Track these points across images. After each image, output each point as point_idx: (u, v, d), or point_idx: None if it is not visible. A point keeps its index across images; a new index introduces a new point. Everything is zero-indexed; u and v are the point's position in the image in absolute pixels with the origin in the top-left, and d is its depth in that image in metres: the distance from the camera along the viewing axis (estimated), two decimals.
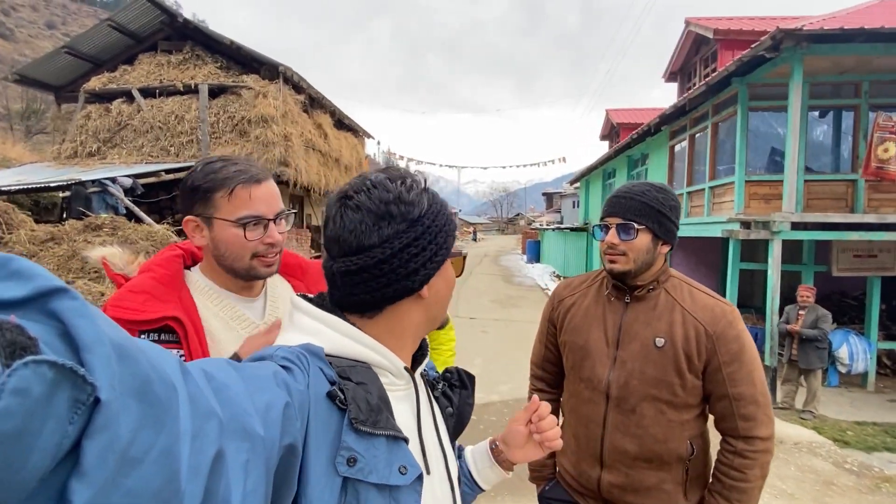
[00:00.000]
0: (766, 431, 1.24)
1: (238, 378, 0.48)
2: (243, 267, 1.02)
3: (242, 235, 1.00)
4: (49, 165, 10.14)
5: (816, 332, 5.51)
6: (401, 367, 0.67)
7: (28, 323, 0.27)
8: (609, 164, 15.02)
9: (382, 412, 0.60)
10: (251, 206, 1.00)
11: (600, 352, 1.36)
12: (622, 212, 1.30)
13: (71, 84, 11.22)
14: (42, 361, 0.25)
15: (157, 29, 11.04)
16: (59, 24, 63.18)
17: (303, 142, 11.18)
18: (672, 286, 1.35)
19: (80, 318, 0.29)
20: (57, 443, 0.26)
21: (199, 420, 0.38)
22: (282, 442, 0.48)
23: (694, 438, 1.32)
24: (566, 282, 1.58)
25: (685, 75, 12.56)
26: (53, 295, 0.29)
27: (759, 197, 7.11)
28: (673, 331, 1.28)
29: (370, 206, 0.64)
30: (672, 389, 1.27)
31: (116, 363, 0.30)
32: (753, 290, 9.04)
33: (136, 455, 0.30)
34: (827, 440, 4.39)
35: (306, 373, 0.57)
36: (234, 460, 0.41)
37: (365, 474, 0.56)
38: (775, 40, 5.58)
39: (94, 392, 0.28)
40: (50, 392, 0.26)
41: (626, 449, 1.31)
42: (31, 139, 20.97)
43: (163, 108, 10.34)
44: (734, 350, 1.25)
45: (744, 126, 7.09)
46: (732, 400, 1.25)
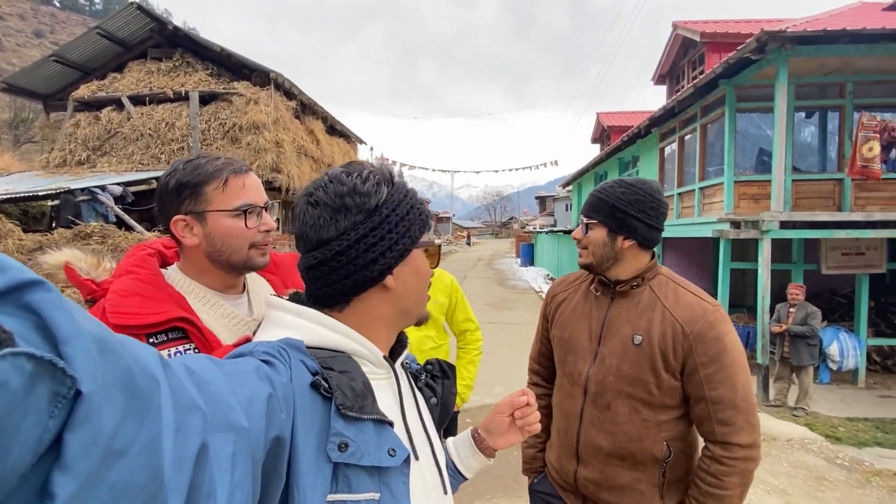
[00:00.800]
0: (746, 438, 1.18)
1: (220, 373, 0.48)
2: (241, 258, 1.00)
3: (241, 225, 0.98)
4: (38, 174, 10.04)
5: (806, 329, 5.57)
6: (379, 356, 0.68)
7: (2, 317, 0.27)
8: (601, 167, 15.13)
9: (367, 397, 0.61)
10: (246, 195, 1.00)
11: (583, 347, 1.36)
12: (584, 209, 1.38)
13: (60, 92, 11.16)
14: (20, 354, 0.25)
15: (147, 36, 11.01)
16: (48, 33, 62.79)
17: (295, 148, 11.17)
18: (658, 283, 1.34)
19: (57, 311, 0.29)
20: (37, 437, 0.26)
21: (182, 413, 0.37)
22: (268, 434, 0.48)
23: (672, 440, 1.28)
24: (561, 278, 1.60)
25: (673, 78, 12.71)
26: (28, 287, 0.28)
27: (748, 197, 7.19)
28: (651, 328, 1.27)
29: (326, 201, 0.66)
30: (647, 388, 1.25)
31: (98, 355, 0.30)
32: (745, 289, 9.12)
33: (120, 447, 0.30)
34: (819, 436, 4.43)
35: (288, 366, 0.57)
36: (219, 453, 0.41)
37: (357, 458, 0.56)
38: (760, 42, 5.66)
39: (75, 385, 0.28)
40: (29, 385, 0.25)
41: (600, 445, 1.30)
42: (20, 148, 20.79)
43: (153, 116, 10.30)
44: (713, 351, 1.21)
45: (732, 127, 7.18)
46: (709, 403, 1.21)
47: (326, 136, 13.49)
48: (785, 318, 5.81)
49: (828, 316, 7.64)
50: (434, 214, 55.31)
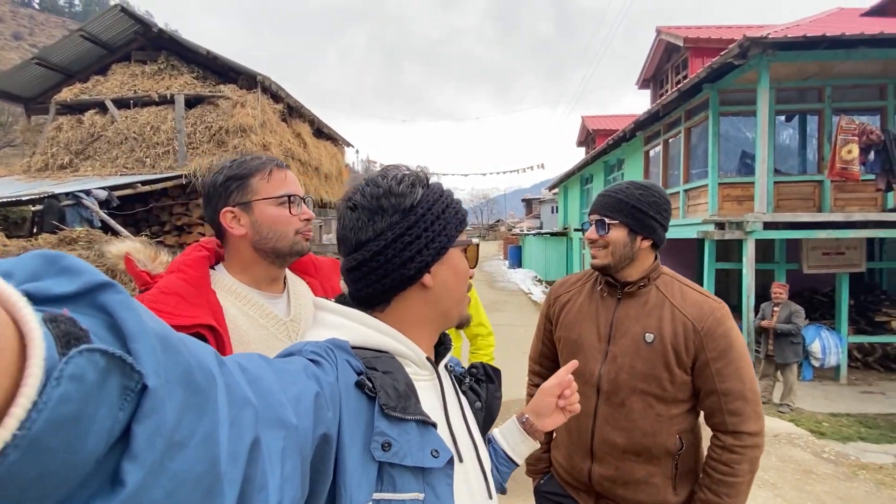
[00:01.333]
0: (754, 426, 1.26)
1: (270, 371, 0.49)
2: (287, 244, 1.07)
3: (286, 212, 1.06)
4: (19, 179, 9.82)
5: (791, 327, 5.70)
6: (422, 357, 0.69)
7: (79, 316, 0.29)
8: (586, 170, 15.30)
9: (410, 398, 0.62)
10: (289, 186, 1.08)
11: (592, 346, 1.39)
12: (600, 208, 1.37)
13: (41, 95, 10.93)
14: (94, 350, 0.27)
15: (131, 39, 10.86)
16: (27, 35, 61.48)
17: (282, 151, 11.10)
18: (663, 283, 1.39)
19: (127, 311, 0.31)
20: (110, 427, 0.28)
21: (236, 408, 0.39)
22: (315, 432, 0.50)
23: (683, 433, 1.34)
24: (562, 280, 1.62)
25: (657, 82, 12.93)
26: (101, 289, 0.31)
27: (731, 199, 7.35)
28: (662, 326, 1.31)
29: (364, 204, 0.68)
30: (660, 384, 1.30)
31: (161, 352, 0.32)
32: (729, 288, 9.30)
33: (181, 439, 0.32)
34: (805, 431, 4.54)
35: (335, 365, 0.59)
36: (270, 448, 0.42)
37: (400, 458, 0.57)
38: (743, 48, 5.81)
39: (142, 379, 0.30)
40: (102, 379, 0.27)
41: (616, 442, 1.34)
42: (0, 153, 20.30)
43: (137, 119, 10.15)
44: (722, 346, 1.28)
45: (715, 130, 7.33)
46: (720, 395, 1.27)
47: (314, 138, 13.44)
48: (769, 317, 5.94)
49: (809, 314, 7.81)
50: None
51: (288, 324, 1.09)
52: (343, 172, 16.27)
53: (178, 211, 9.61)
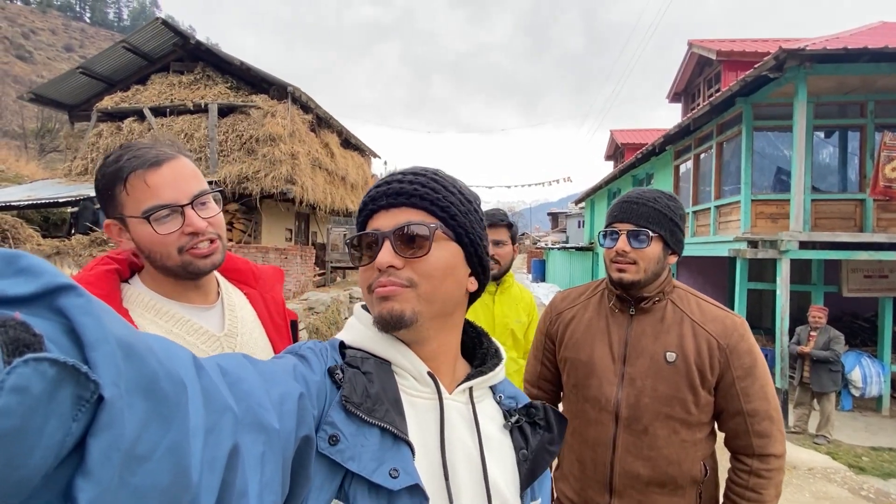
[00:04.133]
0: (780, 448, 1.19)
1: (253, 372, 0.48)
2: (175, 264, 0.88)
3: (155, 229, 0.85)
4: (60, 182, 10.29)
5: (829, 354, 5.38)
6: (423, 371, 0.62)
7: (34, 319, 0.27)
8: (614, 184, 15.04)
9: (383, 404, 0.57)
10: (154, 196, 0.85)
11: (606, 369, 1.28)
12: (634, 218, 1.23)
13: (84, 103, 11.47)
14: (43, 359, 0.25)
15: (170, 50, 11.31)
16: (77, 48, 65.12)
17: (310, 160, 11.30)
18: (678, 297, 1.29)
19: (86, 316, 0.29)
20: (60, 441, 0.26)
21: (214, 415, 0.38)
22: (298, 433, 0.49)
23: (706, 459, 1.25)
24: (564, 293, 1.51)
25: (689, 96, 12.65)
26: (61, 292, 0.29)
27: (765, 216, 7.06)
28: (684, 344, 1.22)
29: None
30: (686, 407, 1.20)
31: (122, 360, 0.30)
32: (762, 310, 8.91)
33: (143, 453, 0.30)
34: (842, 466, 4.24)
35: (324, 362, 0.58)
36: (250, 453, 0.41)
37: (344, 458, 0.52)
38: (779, 60, 5.61)
39: (98, 390, 0.28)
40: (51, 390, 0.25)
41: (639, 473, 1.23)
42: (45, 157, 21.38)
43: (173, 127, 10.52)
44: (747, 364, 1.20)
45: (749, 145, 7.09)
46: (747, 416, 1.19)
47: (341, 149, 13.65)
48: (806, 342, 5.63)
49: (850, 340, 7.40)
50: None
51: (222, 339, 0.94)
52: (369, 182, 16.47)
53: None
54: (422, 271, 0.62)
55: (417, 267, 0.62)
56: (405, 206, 0.64)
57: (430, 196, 0.64)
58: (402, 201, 0.64)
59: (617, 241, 1.25)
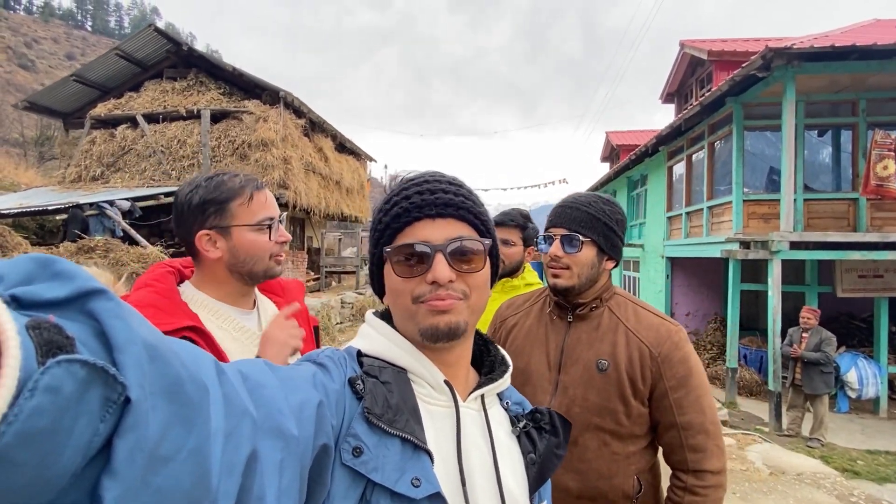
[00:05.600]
0: (716, 464, 1.14)
1: (274, 378, 0.48)
2: (262, 268, 1.06)
3: (265, 238, 1.05)
4: (53, 189, 10.31)
5: (820, 356, 5.31)
6: (440, 379, 0.63)
7: (67, 322, 0.28)
8: (609, 186, 15.00)
9: (403, 414, 0.57)
10: (267, 210, 1.07)
11: (541, 376, 1.24)
12: (567, 222, 1.21)
13: (79, 111, 11.52)
14: (74, 360, 0.26)
15: (164, 57, 11.35)
16: (79, 56, 65.55)
17: (303, 165, 11.30)
18: (616, 304, 1.25)
19: (115, 319, 0.30)
20: (88, 440, 0.27)
21: (234, 419, 0.38)
22: (316, 441, 0.49)
23: (641, 473, 1.20)
24: (509, 301, 1.47)
25: (682, 96, 12.61)
26: (92, 296, 0.30)
27: (757, 216, 7.00)
28: (616, 352, 1.18)
29: None
30: (616, 418, 1.16)
31: (147, 363, 0.31)
32: (759, 311, 8.81)
33: (166, 454, 0.31)
34: (833, 471, 4.16)
35: (343, 371, 0.58)
36: (268, 459, 0.41)
37: (368, 469, 0.52)
38: (766, 59, 5.56)
39: (125, 391, 0.28)
40: (82, 390, 0.26)
41: (568, 486, 1.19)
42: (44, 165, 21.46)
43: (165, 133, 10.54)
44: (680, 374, 1.15)
45: (740, 145, 7.04)
46: (681, 429, 1.14)
47: (335, 153, 13.65)
48: (798, 343, 5.56)
49: (846, 341, 7.32)
50: None
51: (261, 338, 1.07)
52: (365, 186, 16.45)
53: None
54: (474, 284, 0.64)
55: (470, 280, 0.63)
56: (453, 217, 0.64)
57: (475, 210, 0.66)
58: (451, 213, 0.64)
59: (551, 246, 1.22)
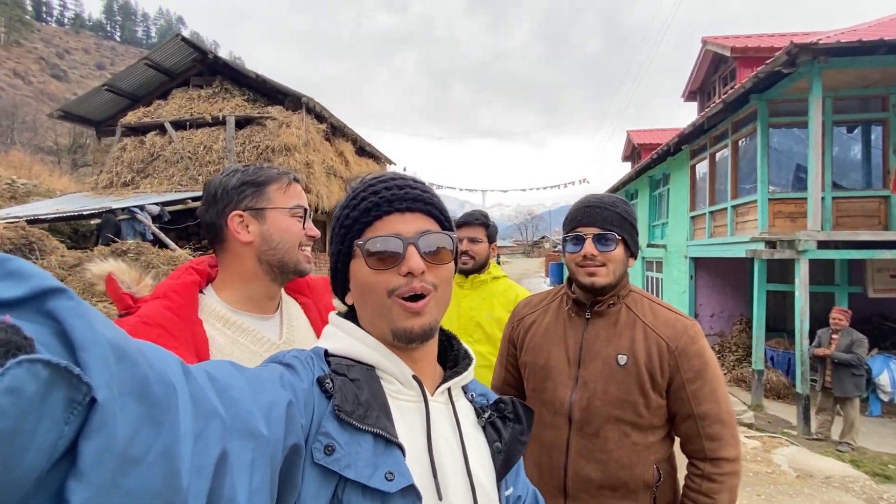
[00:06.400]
0: (732, 452, 1.19)
1: (241, 379, 0.48)
2: (293, 259, 1.04)
3: (298, 224, 1.05)
4: (87, 195, 10.71)
5: (851, 357, 5.17)
6: (408, 375, 0.64)
7: (24, 323, 0.27)
8: (631, 185, 14.83)
9: (373, 410, 0.58)
10: (301, 200, 1.08)
11: (562, 372, 1.29)
12: (599, 221, 1.24)
13: (110, 119, 11.93)
14: (36, 360, 0.25)
15: (190, 66, 11.68)
16: (108, 65, 67.78)
17: (324, 169, 11.48)
18: (632, 301, 1.29)
19: (77, 318, 0.29)
20: (52, 443, 0.26)
21: (202, 420, 0.37)
22: (286, 442, 0.48)
23: (660, 463, 1.24)
24: (526, 299, 1.52)
25: (704, 94, 12.40)
26: (50, 295, 0.29)
27: (784, 215, 6.85)
28: (635, 347, 1.22)
29: None
30: (636, 409, 1.21)
31: (114, 363, 0.30)
32: (786, 312, 8.61)
33: (135, 455, 0.30)
34: (863, 475, 4.06)
35: (311, 371, 0.58)
36: (238, 460, 0.41)
37: (341, 467, 0.53)
38: (791, 55, 5.46)
39: (90, 392, 0.28)
40: (44, 392, 0.25)
41: (591, 476, 1.23)
42: (77, 171, 22.28)
43: (192, 140, 10.85)
44: (697, 366, 1.20)
45: (765, 143, 6.91)
46: (698, 419, 1.20)
47: (356, 157, 13.82)
48: (827, 345, 5.43)
49: (878, 343, 7.09)
50: None
51: (281, 346, 1.04)
52: None
53: None
54: (442, 278, 0.66)
55: (439, 273, 0.65)
56: (420, 212, 0.67)
57: (440, 206, 0.69)
58: (419, 207, 0.66)
59: (583, 246, 1.24)
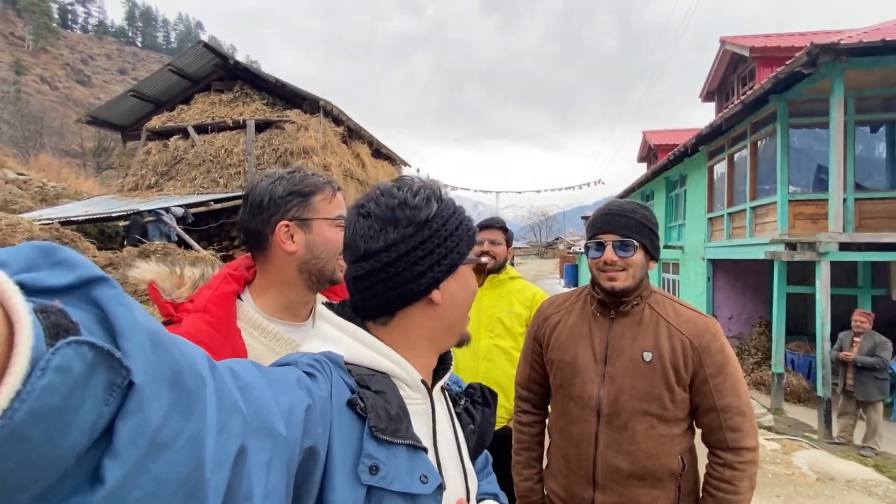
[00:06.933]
0: (752, 442, 1.27)
1: (263, 379, 0.48)
2: (331, 269, 1.05)
3: (341, 236, 1.02)
4: (113, 197, 11.04)
5: (875, 361, 5.11)
6: (418, 380, 0.66)
7: (70, 308, 0.29)
8: (647, 187, 14.71)
9: (402, 421, 0.60)
10: (343, 209, 1.08)
11: (589, 368, 1.36)
12: (618, 228, 1.31)
13: (135, 123, 12.28)
14: (83, 342, 0.26)
15: (211, 71, 11.96)
16: (130, 70, 69.40)
17: (341, 171, 11.65)
18: (655, 301, 1.36)
19: (119, 307, 0.31)
20: (93, 422, 0.27)
21: (225, 414, 0.38)
22: (303, 444, 0.49)
23: (684, 453, 1.32)
24: (550, 299, 1.59)
25: (722, 94, 12.27)
26: (95, 283, 0.31)
27: (804, 217, 6.78)
28: (660, 344, 1.30)
29: (377, 212, 0.65)
30: (662, 403, 1.28)
31: (151, 351, 0.31)
32: (807, 315, 8.49)
33: (165, 440, 0.31)
34: (887, 479, 4.01)
35: (329, 381, 0.57)
36: (256, 457, 0.41)
37: (388, 482, 0.55)
38: (811, 56, 5.42)
39: (129, 376, 0.29)
40: (89, 372, 0.27)
41: (620, 467, 1.30)
42: (102, 174, 22.89)
43: (214, 143, 11.10)
44: (719, 362, 1.28)
45: (784, 144, 6.84)
46: (720, 412, 1.27)
47: (372, 159, 13.98)
48: (849, 348, 5.37)
49: None
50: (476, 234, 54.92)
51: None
52: None
53: None
54: None
55: None
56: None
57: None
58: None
59: (604, 252, 1.32)
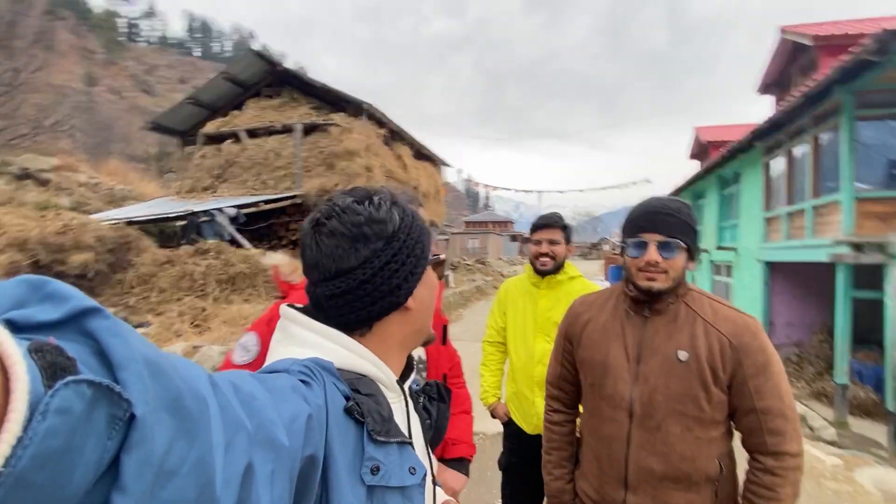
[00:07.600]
0: (795, 447, 1.18)
1: (263, 389, 0.48)
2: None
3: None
4: (172, 199, 11.76)
5: None
6: (394, 380, 0.69)
7: (65, 343, 0.29)
8: (698, 185, 14.09)
9: (392, 421, 0.63)
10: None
11: (621, 367, 1.31)
12: (663, 228, 1.25)
13: (192, 129, 13.03)
14: (81, 381, 0.26)
15: (262, 77, 12.52)
16: (189, 79, 73.61)
17: (383, 172, 11.89)
18: (691, 299, 1.30)
19: (114, 337, 0.30)
20: (98, 458, 0.27)
21: (230, 432, 0.38)
22: (303, 452, 0.49)
23: (722, 457, 1.25)
24: (581, 298, 1.55)
25: (781, 87, 11.57)
26: (88, 315, 0.31)
27: (873, 216, 6.27)
28: (696, 343, 1.23)
29: (343, 231, 0.64)
30: (698, 404, 1.22)
31: (149, 379, 0.31)
32: (875, 322, 7.86)
33: (171, 467, 0.31)
34: None
35: (322, 388, 0.57)
36: (261, 470, 0.41)
37: (387, 480, 0.58)
38: (882, 42, 5.02)
39: (130, 408, 0.29)
40: (90, 410, 0.27)
41: (653, 468, 1.25)
42: (163, 177, 24.41)
43: (263, 147, 11.61)
44: (760, 362, 1.20)
45: (851, 138, 6.37)
46: (760, 414, 1.19)
47: (413, 160, 14.18)
48: None
49: None
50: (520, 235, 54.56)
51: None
52: (440, 191, 16.88)
53: (294, 227, 10.77)
54: None
55: None
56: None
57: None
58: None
59: (646, 252, 1.26)
